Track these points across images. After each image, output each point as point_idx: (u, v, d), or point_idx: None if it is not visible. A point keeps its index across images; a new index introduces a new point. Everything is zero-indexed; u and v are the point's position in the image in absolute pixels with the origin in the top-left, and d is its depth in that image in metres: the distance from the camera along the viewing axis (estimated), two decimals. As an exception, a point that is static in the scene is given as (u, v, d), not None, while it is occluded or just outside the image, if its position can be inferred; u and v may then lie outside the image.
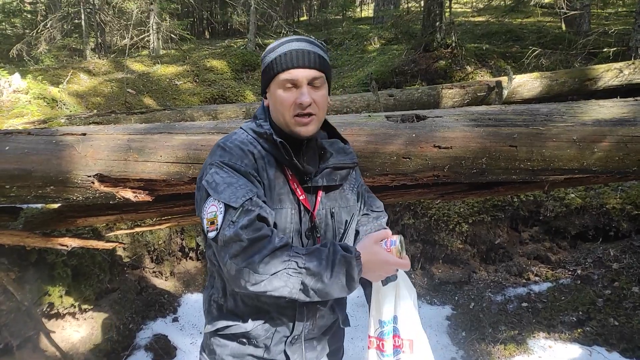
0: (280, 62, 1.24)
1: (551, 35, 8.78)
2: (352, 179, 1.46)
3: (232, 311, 1.35)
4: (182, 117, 5.39)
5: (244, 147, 1.29)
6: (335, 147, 1.38)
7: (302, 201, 1.29)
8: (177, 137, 2.06)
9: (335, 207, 1.37)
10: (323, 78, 1.27)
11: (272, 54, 1.27)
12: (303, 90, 1.23)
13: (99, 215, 2.43)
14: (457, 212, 4.32)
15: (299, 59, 1.23)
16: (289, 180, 1.30)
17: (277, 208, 1.26)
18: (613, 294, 3.40)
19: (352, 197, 1.43)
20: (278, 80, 1.25)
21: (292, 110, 1.24)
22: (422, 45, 8.33)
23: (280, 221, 1.27)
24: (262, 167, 1.28)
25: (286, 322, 1.34)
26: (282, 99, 1.25)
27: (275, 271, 1.10)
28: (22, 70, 7.42)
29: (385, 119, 2.15)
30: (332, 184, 1.34)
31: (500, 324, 3.53)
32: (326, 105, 1.31)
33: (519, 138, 2.05)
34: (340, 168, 1.35)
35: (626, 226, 3.81)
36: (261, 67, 1.33)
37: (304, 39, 1.30)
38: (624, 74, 6.01)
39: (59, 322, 3.17)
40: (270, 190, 1.27)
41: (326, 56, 1.31)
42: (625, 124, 2.08)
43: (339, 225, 1.37)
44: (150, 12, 10.82)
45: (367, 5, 18.42)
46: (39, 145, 2.03)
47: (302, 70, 1.23)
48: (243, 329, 1.32)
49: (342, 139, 1.43)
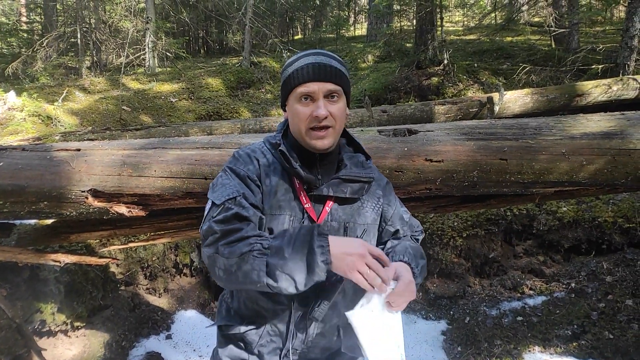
0: (297, 76, 1.26)
1: (541, 52, 8.94)
2: (376, 197, 1.42)
3: (236, 312, 1.41)
4: (177, 134, 5.41)
5: (252, 154, 1.36)
6: (354, 161, 1.39)
7: (306, 209, 1.30)
8: (171, 152, 2.08)
9: (351, 222, 1.35)
10: (340, 91, 1.29)
11: (290, 68, 1.30)
12: (319, 104, 1.25)
13: (92, 231, 2.43)
14: (451, 226, 4.33)
15: (315, 72, 1.25)
16: (296, 188, 1.31)
17: (275, 214, 1.29)
18: (607, 307, 3.40)
19: (372, 215, 1.40)
20: (295, 94, 1.27)
21: (309, 123, 1.26)
22: (415, 62, 8.46)
23: (277, 227, 1.28)
24: (265, 173, 1.32)
25: (281, 331, 1.34)
26: (299, 111, 1.27)
27: (241, 253, 1.11)
28: (17, 88, 7.45)
29: (378, 133, 2.18)
30: (340, 195, 1.32)
31: (495, 338, 3.52)
32: (344, 118, 1.32)
33: (509, 151, 2.08)
34: (351, 180, 1.33)
35: (618, 239, 3.84)
36: (280, 80, 1.36)
37: (321, 52, 1.32)
38: (612, 90, 6.12)
39: (51, 340, 3.13)
40: (270, 196, 1.30)
41: (344, 70, 1.32)
42: (612, 137, 2.12)
43: None
44: (146, 30, 10.93)
45: (360, 24, 18.70)
46: (33, 161, 2.04)
47: (319, 84, 1.25)
48: (238, 331, 1.37)
49: (365, 155, 1.43)
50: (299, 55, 1.32)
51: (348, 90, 1.34)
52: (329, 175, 1.34)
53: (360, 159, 1.41)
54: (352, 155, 1.42)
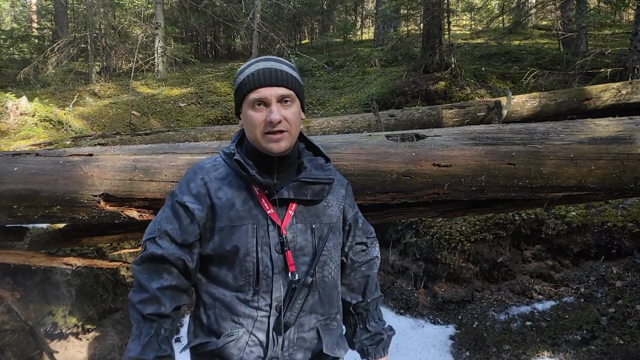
0: (249, 82, 1.27)
1: (549, 56, 8.91)
2: (340, 197, 1.45)
3: (209, 328, 1.34)
4: (185, 138, 5.46)
5: (199, 172, 1.37)
6: (313, 164, 1.40)
7: (269, 215, 1.30)
8: (182, 157, 2.11)
9: (317, 223, 1.36)
10: (293, 95, 1.30)
11: (241, 76, 1.31)
12: (272, 108, 1.26)
13: (103, 235, 2.47)
14: (459, 231, 4.33)
15: (266, 77, 1.26)
16: (256, 195, 1.32)
17: (236, 225, 1.29)
18: (617, 312, 3.38)
19: (337, 214, 1.43)
20: (248, 101, 1.28)
21: (263, 128, 1.27)
22: (422, 66, 8.46)
23: (240, 238, 1.28)
24: (218, 187, 1.32)
25: (260, 340, 1.30)
26: (253, 118, 1.28)
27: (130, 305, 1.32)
28: (29, 94, 7.55)
29: (386, 138, 2.20)
30: (302, 197, 1.33)
31: (504, 343, 3.51)
32: (299, 122, 1.33)
33: (517, 156, 2.09)
34: (311, 183, 1.33)
35: (628, 244, 3.81)
36: (234, 88, 1.36)
37: (271, 58, 1.33)
38: (621, 94, 6.09)
39: (62, 343, 3.17)
40: (226, 209, 1.30)
41: (295, 74, 1.33)
42: (621, 142, 2.12)
43: (320, 241, 1.36)
44: (155, 36, 11.04)
45: (367, 29, 18.74)
46: (47, 166, 2.08)
47: (270, 89, 1.26)
48: (215, 347, 1.30)
49: (325, 158, 1.44)
50: (249, 63, 1.33)
51: (301, 94, 1.35)
52: (290, 180, 1.34)
53: (320, 161, 1.41)
54: (312, 159, 1.42)
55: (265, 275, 1.29)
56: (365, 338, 1.51)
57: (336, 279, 1.43)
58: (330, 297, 1.40)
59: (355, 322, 1.54)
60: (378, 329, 1.52)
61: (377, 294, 1.56)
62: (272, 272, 1.29)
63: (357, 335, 1.52)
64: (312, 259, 1.34)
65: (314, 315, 1.35)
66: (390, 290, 4.46)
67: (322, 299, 1.36)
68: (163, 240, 1.31)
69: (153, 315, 1.28)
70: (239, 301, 1.30)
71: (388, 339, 1.52)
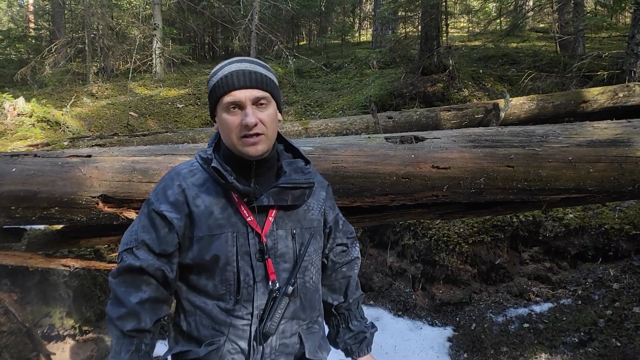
0: (222, 85, 1.23)
1: (546, 58, 8.94)
2: (321, 199, 1.42)
3: (190, 335, 1.30)
4: (184, 139, 5.45)
5: (177, 178, 1.31)
6: (293, 167, 1.35)
7: (249, 222, 1.27)
8: (181, 158, 2.11)
9: (297, 228, 1.33)
10: (269, 97, 1.26)
11: (215, 78, 1.26)
12: (247, 111, 1.21)
13: (101, 236, 2.47)
14: (457, 233, 4.33)
15: (239, 79, 1.22)
16: (235, 202, 1.28)
17: (215, 234, 1.25)
18: (614, 314, 3.39)
19: (318, 217, 1.40)
20: (222, 104, 1.24)
21: (239, 132, 1.23)
22: (420, 68, 8.48)
23: (219, 247, 1.25)
24: (195, 194, 1.27)
25: (242, 348, 1.27)
26: (228, 121, 1.23)
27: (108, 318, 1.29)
28: (26, 94, 7.53)
29: (385, 140, 2.20)
30: (282, 204, 1.29)
31: (502, 345, 3.51)
32: (275, 124, 1.29)
33: (516, 159, 2.10)
34: (291, 188, 1.29)
35: (625, 246, 3.83)
36: (208, 90, 1.32)
37: (245, 59, 1.28)
38: (618, 97, 6.12)
39: (59, 344, 3.15)
40: (204, 217, 1.26)
41: (270, 75, 1.29)
42: (619, 145, 2.13)
43: (301, 247, 1.33)
44: (153, 37, 11.03)
45: (365, 30, 18.77)
46: (45, 167, 2.07)
47: (245, 91, 1.22)
48: (196, 355, 1.27)
49: (305, 160, 1.39)
50: (223, 64, 1.28)
51: (277, 96, 1.31)
52: (270, 184, 1.30)
53: (300, 164, 1.37)
54: (292, 162, 1.38)
55: (246, 284, 1.26)
56: (349, 337, 1.50)
57: (317, 283, 1.41)
58: (312, 302, 1.38)
59: (338, 322, 1.53)
60: (361, 328, 1.51)
61: (359, 293, 1.56)
62: (253, 280, 1.26)
63: (340, 335, 1.52)
64: (293, 265, 1.31)
65: (295, 321, 1.33)
66: (388, 292, 4.46)
67: (304, 304, 1.34)
68: (140, 250, 1.27)
69: (133, 332, 1.24)
70: (220, 310, 1.27)
71: (371, 336, 1.52)
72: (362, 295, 1.59)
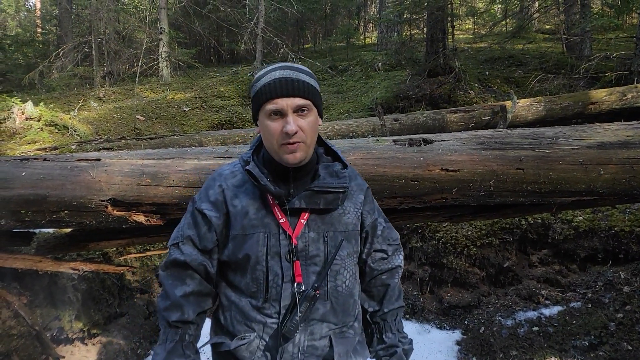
0: (265, 92, 1.25)
1: (553, 60, 8.90)
2: (358, 203, 1.42)
3: (225, 328, 1.37)
4: (190, 143, 5.47)
5: (218, 178, 1.40)
6: (329, 171, 1.37)
7: (281, 224, 1.31)
8: (189, 161, 2.11)
9: (331, 232, 1.35)
10: (310, 105, 1.28)
11: (258, 84, 1.29)
12: (288, 119, 1.24)
13: (110, 239, 2.47)
14: (465, 235, 4.31)
15: (282, 87, 1.24)
16: (269, 204, 1.32)
17: (248, 233, 1.31)
18: (625, 317, 3.35)
19: (353, 221, 1.40)
20: (264, 110, 1.26)
21: (279, 139, 1.25)
22: (426, 70, 8.47)
23: (251, 247, 1.30)
24: (234, 195, 1.35)
25: (270, 345, 1.31)
26: (269, 128, 1.26)
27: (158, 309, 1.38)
28: (34, 98, 7.59)
29: (393, 143, 2.19)
30: (313, 207, 1.32)
31: (511, 348, 3.48)
32: (315, 131, 1.31)
33: (526, 161, 2.08)
34: (324, 192, 1.31)
35: (636, 248, 3.79)
36: (250, 95, 1.35)
37: (288, 66, 1.30)
38: (627, 98, 6.07)
39: (68, 347, 3.16)
40: (240, 217, 1.33)
41: (313, 82, 1.31)
42: (630, 146, 2.10)
43: (332, 250, 1.34)
44: (160, 41, 11.09)
45: (370, 33, 18.77)
46: (54, 171, 2.08)
47: (287, 99, 1.24)
48: (228, 348, 1.33)
49: (343, 163, 1.41)
50: (266, 70, 1.31)
51: (318, 102, 1.33)
52: (305, 187, 1.33)
53: (336, 168, 1.38)
54: (328, 165, 1.39)
55: (275, 283, 1.30)
56: (380, 349, 1.49)
57: (352, 288, 1.40)
58: (345, 306, 1.38)
59: (372, 330, 1.52)
60: (394, 341, 1.48)
61: (398, 304, 1.52)
62: (281, 280, 1.30)
63: (373, 344, 1.51)
64: (322, 267, 1.33)
65: (325, 324, 1.34)
66: (396, 295, 4.44)
67: (335, 308, 1.35)
68: (186, 245, 1.36)
69: (177, 323, 1.32)
70: (251, 307, 1.32)
71: (403, 352, 1.48)
72: (402, 307, 1.55)
